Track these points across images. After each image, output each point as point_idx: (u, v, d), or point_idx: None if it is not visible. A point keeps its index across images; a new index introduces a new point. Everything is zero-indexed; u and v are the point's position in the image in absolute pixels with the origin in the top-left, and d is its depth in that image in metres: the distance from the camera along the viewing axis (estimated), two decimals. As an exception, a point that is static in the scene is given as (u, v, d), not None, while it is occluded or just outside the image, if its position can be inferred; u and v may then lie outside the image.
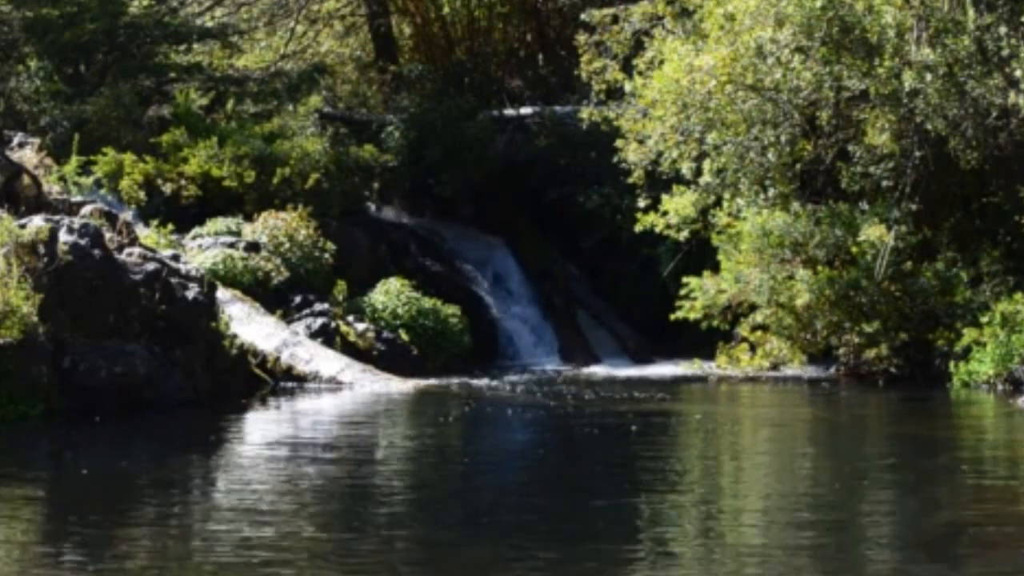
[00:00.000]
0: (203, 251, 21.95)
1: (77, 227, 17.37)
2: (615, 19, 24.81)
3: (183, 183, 24.57)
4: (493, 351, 25.32)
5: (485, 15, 32.82)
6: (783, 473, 13.48)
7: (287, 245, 22.88)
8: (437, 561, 9.54)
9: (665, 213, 22.48)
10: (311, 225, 23.30)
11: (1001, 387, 19.47)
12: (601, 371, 24.13)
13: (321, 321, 21.50)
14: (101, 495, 11.90)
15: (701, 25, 22.19)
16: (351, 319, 22.34)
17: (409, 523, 10.90)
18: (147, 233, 21.13)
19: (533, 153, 27.91)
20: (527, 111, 29.10)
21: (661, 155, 22.24)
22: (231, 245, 22.26)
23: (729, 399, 20.30)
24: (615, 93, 24.00)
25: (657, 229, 22.65)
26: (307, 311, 21.80)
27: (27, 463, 14.08)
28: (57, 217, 17.75)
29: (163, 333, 17.74)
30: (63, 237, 17.10)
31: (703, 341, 23.26)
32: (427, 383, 20.41)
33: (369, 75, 33.19)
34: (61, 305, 16.78)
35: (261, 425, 17.29)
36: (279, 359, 20.02)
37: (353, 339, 21.80)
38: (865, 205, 21.21)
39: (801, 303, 21.21)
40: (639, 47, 23.60)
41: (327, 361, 20.30)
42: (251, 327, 20.14)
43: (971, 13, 20.12)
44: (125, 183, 23.98)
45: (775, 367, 22.24)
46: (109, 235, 18.18)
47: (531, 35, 33.10)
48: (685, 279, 22.73)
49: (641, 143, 22.70)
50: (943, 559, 9.48)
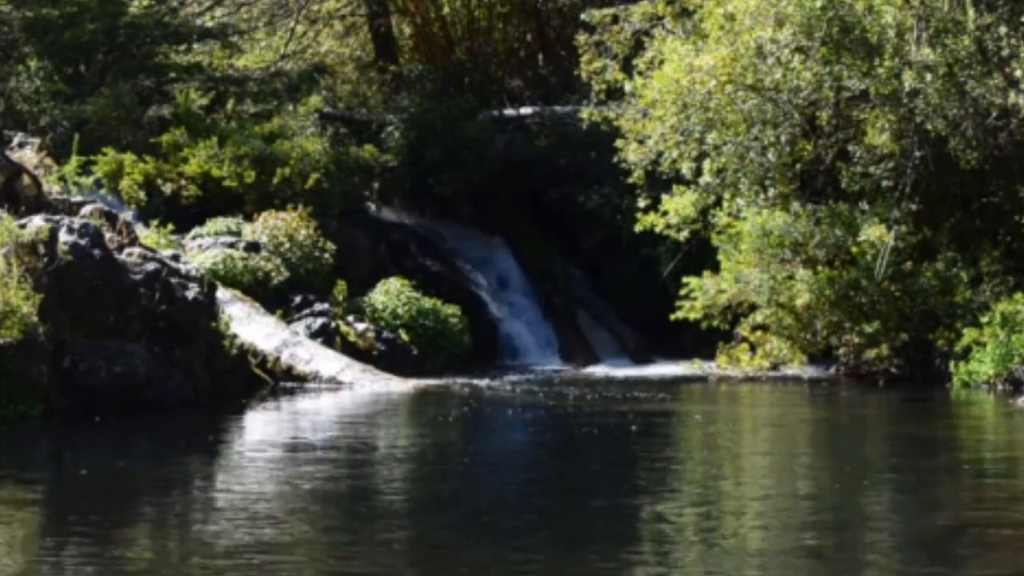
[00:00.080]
0: (203, 251, 21.95)
1: (77, 227, 17.37)
2: (615, 19, 24.81)
3: (183, 183, 24.58)
4: (493, 351, 25.33)
5: (485, 15, 32.83)
6: (783, 474, 13.47)
7: (287, 245, 22.89)
8: (437, 561, 9.54)
9: (665, 213, 22.49)
10: (311, 225, 23.31)
11: (1001, 387, 19.47)
12: (601, 371, 24.13)
13: (321, 321, 21.51)
14: (101, 495, 11.90)
15: (701, 25, 22.20)
16: (351, 319, 22.34)
17: (409, 523, 10.90)
18: (147, 233, 21.13)
19: (533, 153, 27.91)
20: (527, 111, 29.12)
21: (661, 155, 22.24)
22: (231, 245, 22.26)
23: (729, 399, 20.29)
24: (615, 93, 24.01)
25: (657, 229, 22.66)
26: (307, 311, 21.81)
27: (27, 463, 14.08)
28: (57, 217, 17.75)
29: (163, 333, 17.74)
30: (63, 237, 17.10)
31: (703, 341, 23.27)
32: (427, 383, 20.41)
33: (369, 75, 33.21)
34: (61, 305, 16.78)
35: (261, 425, 17.29)
36: (279, 359, 20.03)
37: (353, 339, 21.80)
38: (865, 205, 21.21)
39: (801, 303, 21.21)
40: (639, 47, 23.60)
41: (327, 361, 20.30)
42: (251, 327, 20.15)
43: (971, 13, 20.12)
44: (125, 183, 23.99)
45: (775, 367, 22.23)
46: (109, 235, 18.18)
47: (531, 35, 33.11)
48: (685, 279, 22.73)
49: (641, 143, 22.70)
50: (943, 560, 9.47)
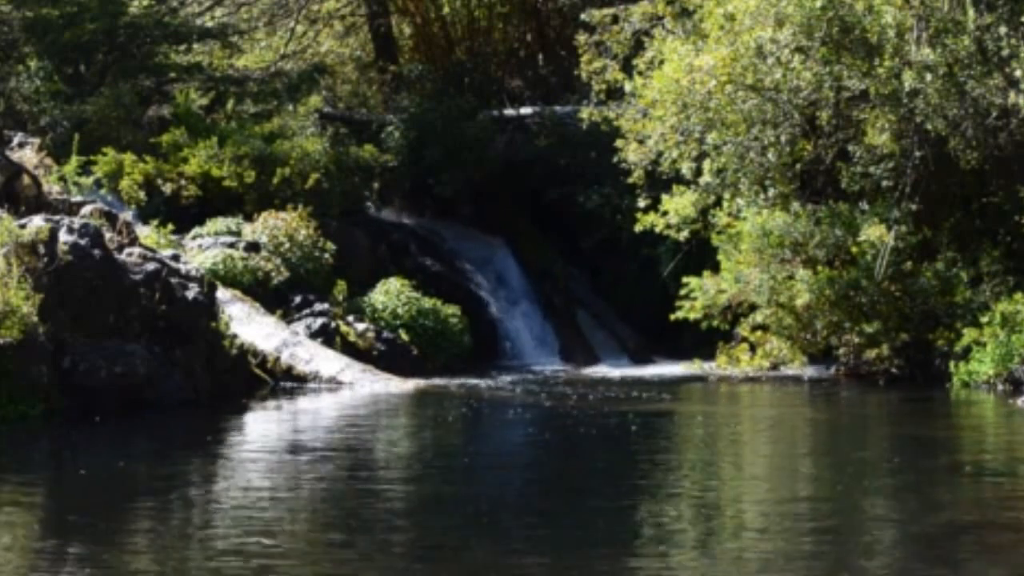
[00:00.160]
0: (203, 251, 21.95)
1: (77, 227, 17.37)
2: (615, 19, 24.80)
3: (183, 183, 24.58)
4: (493, 351, 25.32)
5: (485, 15, 32.82)
6: (783, 474, 13.47)
7: (287, 245, 22.89)
8: (437, 562, 9.54)
9: (665, 213, 22.48)
10: (311, 225, 23.30)
11: (1001, 387, 19.46)
12: (601, 371, 24.12)
13: (321, 321, 21.51)
14: (101, 495, 11.90)
15: (701, 25, 22.19)
16: (351, 319, 22.34)
17: (409, 524, 10.90)
18: (147, 233, 21.13)
19: (533, 153, 27.91)
20: (527, 111, 29.11)
21: (661, 155, 22.24)
22: (231, 245, 22.26)
23: (729, 399, 20.29)
24: (615, 93, 24.00)
25: (657, 229, 22.65)
26: (307, 311, 21.81)
27: (27, 463, 14.09)
28: (57, 217, 17.75)
29: (163, 333, 17.74)
30: (63, 237, 17.11)
31: (703, 341, 23.27)
32: (427, 383, 20.41)
33: (369, 75, 33.20)
34: (61, 305, 16.79)
35: (261, 425, 17.29)
36: (279, 359, 20.02)
37: (353, 339, 21.80)
38: (865, 205, 21.20)
39: (801, 303, 21.20)
40: (639, 47, 23.59)
41: (327, 361, 20.30)
42: (251, 327, 20.15)
43: (971, 13, 20.11)
44: (125, 183, 23.99)
45: (775, 367, 22.23)
46: (109, 235, 18.18)
47: (531, 35, 33.10)
48: (685, 279, 22.72)
49: (641, 143, 22.70)
50: (943, 560, 9.47)
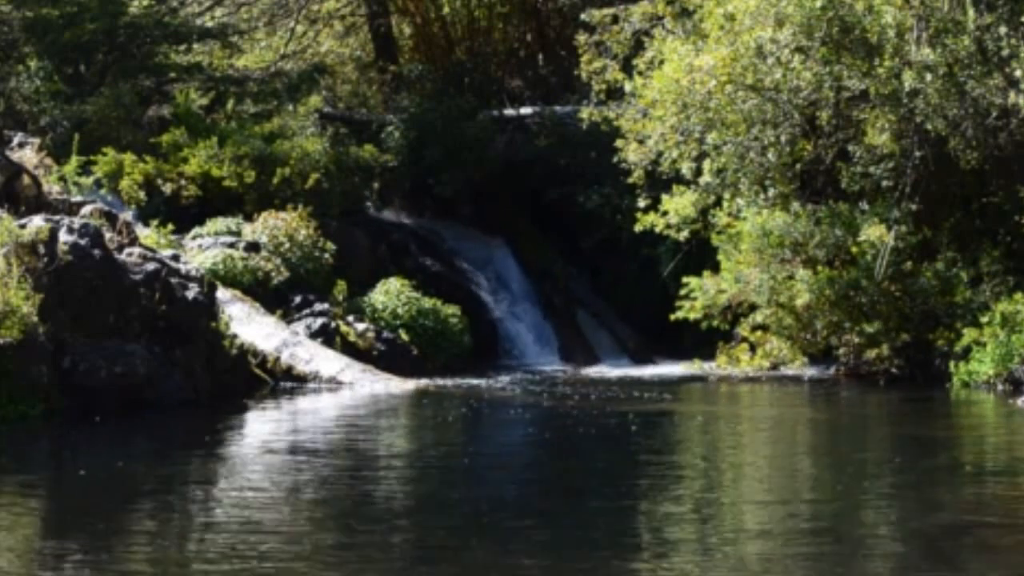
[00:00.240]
0: (203, 251, 21.95)
1: (77, 227, 17.37)
2: (615, 19, 24.80)
3: (183, 183, 24.58)
4: (493, 351, 25.32)
5: (485, 15, 32.82)
6: (783, 474, 13.47)
7: (287, 245, 22.88)
8: (437, 563, 9.53)
9: (665, 213, 22.48)
10: (311, 225, 23.30)
11: (1001, 387, 19.46)
12: (601, 371, 24.12)
13: (321, 321, 21.50)
14: (101, 495, 11.90)
15: (701, 25, 22.19)
16: (351, 319, 22.34)
17: (408, 525, 10.89)
18: (147, 233, 21.13)
19: (533, 153, 27.91)
20: (527, 111, 29.11)
21: (661, 155, 22.24)
22: (231, 245, 22.26)
23: (729, 399, 20.29)
24: (615, 93, 24.00)
25: (657, 229, 22.66)
26: (307, 311, 21.81)
27: (27, 463, 14.08)
28: (57, 217, 17.75)
29: (163, 333, 17.74)
30: (63, 237, 17.10)
31: (703, 341, 23.27)
32: (427, 383, 20.41)
33: (369, 75, 33.20)
34: (61, 305, 16.78)
35: (261, 425, 17.28)
36: (279, 359, 20.02)
37: (353, 339, 21.80)
38: (865, 205, 21.21)
39: (801, 303, 21.20)
40: (639, 47, 23.60)
41: (327, 361, 20.30)
42: (251, 327, 20.15)
43: (971, 13, 20.11)
44: (125, 183, 23.99)
45: (775, 367, 22.23)
46: (109, 235, 18.18)
47: (531, 35, 33.10)
48: (685, 279, 22.73)
49: (641, 143, 22.70)
50: (943, 560, 9.48)
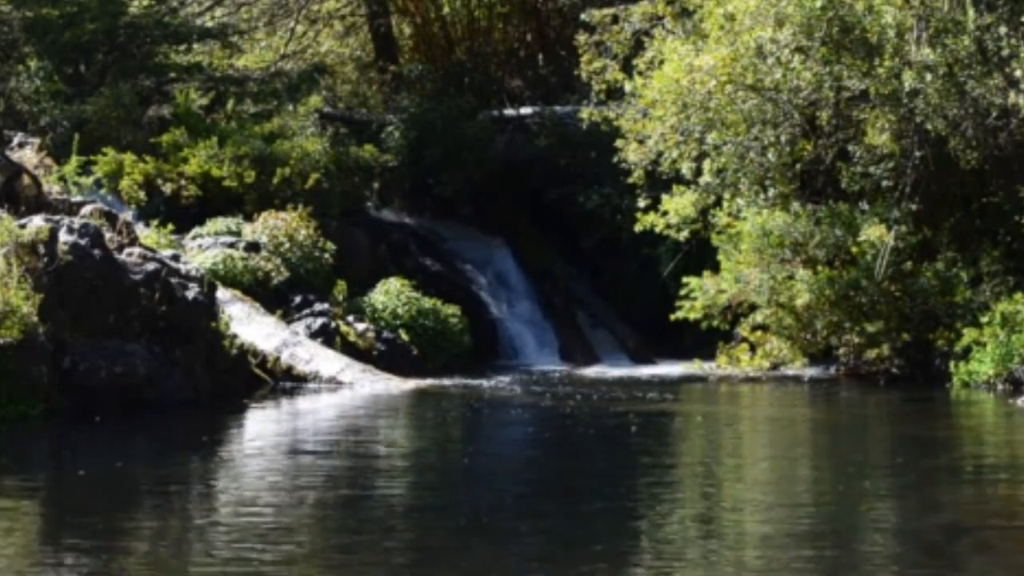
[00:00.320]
0: (203, 251, 21.95)
1: (77, 227, 17.37)
2: (615, 19, 24.80)
3: (183, 183, 24.58)
4: (493, 351, 25.32)
5: (485, 15, 32.82)
6: (783, 475, 13.46)
7: (287, 245, 22.88)
8: (436, 563, 9.53)
9: (665, 213, 22.48)
10: (311, 225, 23.30)
11: (1001, 387, 19.46)
12: (601, 371, 24.12)
13: (321, 321, 21.50)
14: (100, 495, 11.89)
15: (701, 25, 22.18)
16: (351, 319, 22.33)
17: (408, 525, 10.89)
18: (147, 233, 21.12)
19: (533, 153, 27.91)
20: (527, 111, 29.11)
21: (661, 155, 22.23)
22: (231, 245, 22.26)
23: (729, 399, 20.29)
24: (615, 93, 23.99)
25: (657, 229, 22.65)
26: (307, 311, 21.80)
27: (27, 463, 14.09)
28: (57, 217, 17.75)
29: (163, 333, 17.74)
30: (63, 237, 17.10)
31: (703, 341, 23.26)
32: (427, 383, 20.41)
33: (369, 75, 33.20)
34: (61, 305, 16.78)
35: (261, 425, 17.28)
36: (279, 359, 20.02)
37: (353, 339, 21.79)
38: (865, 205, 21.20)
39: (801, 303, 21.20)
40: (639, 47, 23.59)
41: (327, 361, 20.29)
42: (251, 327, 20.14)
43: (971, 13, 20.11)
44: (125, 183, 23.99)
45: (775, 367, 22.22)
46: (109, 235, 18.18)
47: (531, 35, 33.10)
48: (685, 279, 22.72)
49: (641, 143, 22.69)
50: (944, 560, 9.48)
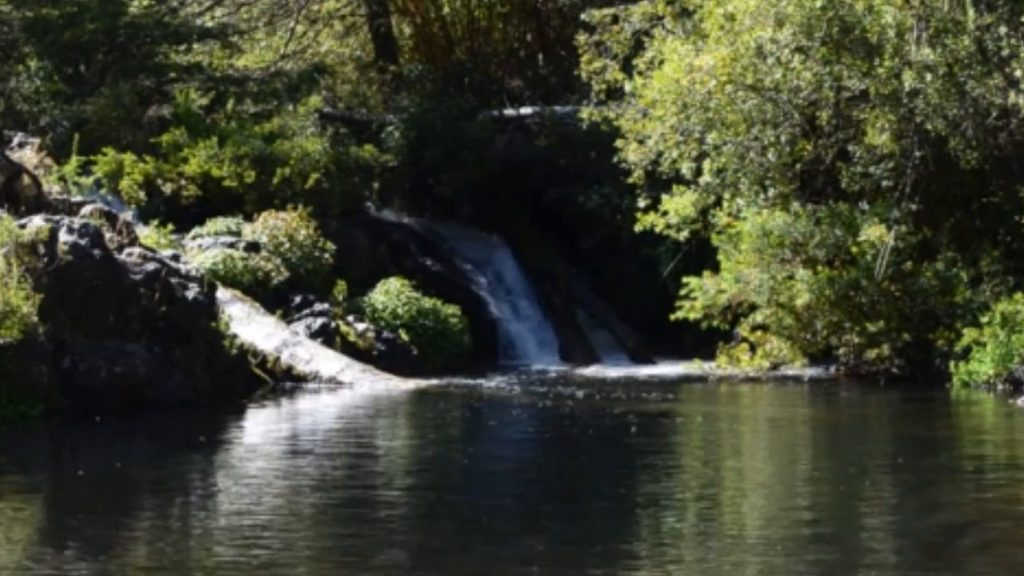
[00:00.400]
0: (203, 251, 21.95)
1: (77, 227, 17.37)
2: (615, 19, 24.79)
3: (183, 183, 24.58)
4: (493, 351, 25.32)
5: (485, 15, 32.82)
6: (784, 475, 13.47)
7: (287, 245, 22.88)
8: (436, 563, 9.53)
9: (665, 213, 22.47)
10: (311, 225, 23.30)
11: (1001, 387, 19.46)
12: (601, 371, 24.12)
13: (321, 321, 21.50)
14: (100, 495, 11.90)
15: (701, 25, 22.18)
16: (351, 319, 22.33)
17: (408, 526, 10.89)
18: (147, 233, 21.12)
19: (533, 153, 27.91)
20: (527, 111, 29.10)
21: (661, 155, 22.23)
22: (231, 245, 22.26)
23: (729, 399, 20.29)
24: (615, 93, 23.99)
25: (657, 229, 22.64)
26: (307, 311, 21.80)
27: (27, 463, 14.09)
28: (57, 217, 17.75)
29: (163, 333, 17.74)
30: (63, 237, 17.10)
31: (703, 341, 23.26)
32: (427, 383, 20.41)
33: (369, 75, 33.20)
34: (61, 305, 16.78)
35: (261, 425, 17.29)
36: (279, 359, 20.02)
37: (353, 339, 21.80)
38: (865, 205, 21.20)
39: (801, 303, 21.20)
40: (639, 47, 23.59)
41: (327, 361, 20.30)
42: (251, 327, 20.14)
43: (971, 13, 20.11)
44: (125, 183, 23.98)
45: (775, 367, 22.22)
46: (109, 235, 18.18)
47: (531, 35, 33.09)
48: (685, 279, 22.71)
49: (641, 143, 22.69)
50: (943, 560, 9.48)
